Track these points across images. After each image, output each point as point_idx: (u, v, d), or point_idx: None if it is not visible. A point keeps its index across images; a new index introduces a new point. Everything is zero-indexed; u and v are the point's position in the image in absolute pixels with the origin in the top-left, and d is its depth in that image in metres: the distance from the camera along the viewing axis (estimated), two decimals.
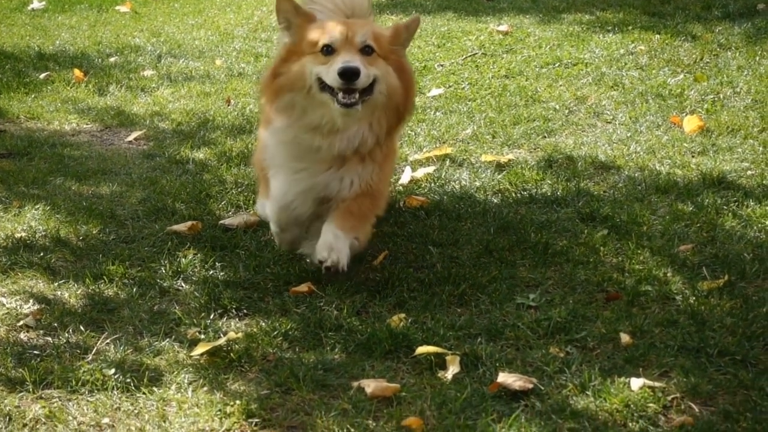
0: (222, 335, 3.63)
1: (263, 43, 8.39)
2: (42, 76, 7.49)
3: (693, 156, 5.33)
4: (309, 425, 3.11)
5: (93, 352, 3.55)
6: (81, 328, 3.71)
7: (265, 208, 4.21)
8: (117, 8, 10.33)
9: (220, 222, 4.65)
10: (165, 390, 3.30)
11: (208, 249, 4.35)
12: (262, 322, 3.75)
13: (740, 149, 5.34)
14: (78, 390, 3.30)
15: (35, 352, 3.54)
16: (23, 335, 3.69)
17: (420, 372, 3.41)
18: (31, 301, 3.92)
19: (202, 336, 3.66)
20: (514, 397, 3.21)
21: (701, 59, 6.97)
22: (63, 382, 3.33)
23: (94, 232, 4.58)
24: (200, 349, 3.51)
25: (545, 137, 5.77)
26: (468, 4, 9.25)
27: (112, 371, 3.39)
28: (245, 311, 3.86)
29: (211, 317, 3.81)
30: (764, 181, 4.87)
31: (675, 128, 5.75)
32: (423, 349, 3.47)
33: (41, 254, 4.32)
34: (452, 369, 3.38)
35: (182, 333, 3.69)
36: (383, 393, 3.24)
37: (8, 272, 4.16)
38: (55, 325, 3.74)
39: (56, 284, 4.06)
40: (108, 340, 3.63)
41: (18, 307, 3.87)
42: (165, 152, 5.73)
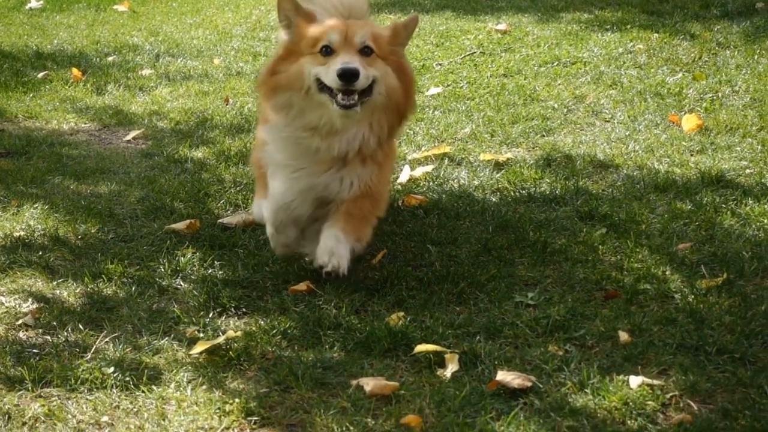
0: (221, 334, 3.63)
1: (261, 42, 8.39)
2: (40, 76, 7.49)
3: (691, 155, 5.33)
4: (308, 423, 3.11)
5: (92, 351, 3.55)
6: (80, 327, 3.71)
7: (262, 209, 4.17)
8: (115, 7, 10.32)
9: (219, 221, 4.64)
10: (164, 388, 3.30)
11: (207, 248, 4.35)
12: (261, 321, 3.75)
13: (739, 148, 5.34)
14: (77, 388, 3.30)
15: (34, 351, 3.54)
16: (22, 334, 3.69)
17: (419, 370, 3.41)
18: (30, 300, 3.92)
19: (201, 334, 3.65)
20: (513, 395, 3.22)
21: (700, 58, 6.97)
22: (62, 381, 3.33)
23: (93, 231, 4.57)
24: (199, 348, 3.51)
25: (544, 136, 5.77)
26: (466, 3, 9.25)
27: (111, 370, 3.39)
28: (244, 310, 3.86)
29: (210, 316, 3.81)
30: (763, 180, 4.88)
31: (673, 127, 5.75)
32: (422, 348, 3.47)
33: (40, 253, 4.32)
34: (451, 367, 3.38)
35: (181, 331, 3.69)
36: (382, 391, 3.24)
37: (7, 271, 4.16)
38: (54, 324, 3.74)
39: (55, 283, 4.06)
40: (107, 339, 3.63)
41: (17, 306, 3.87)
42: (163, 151, 5.73)
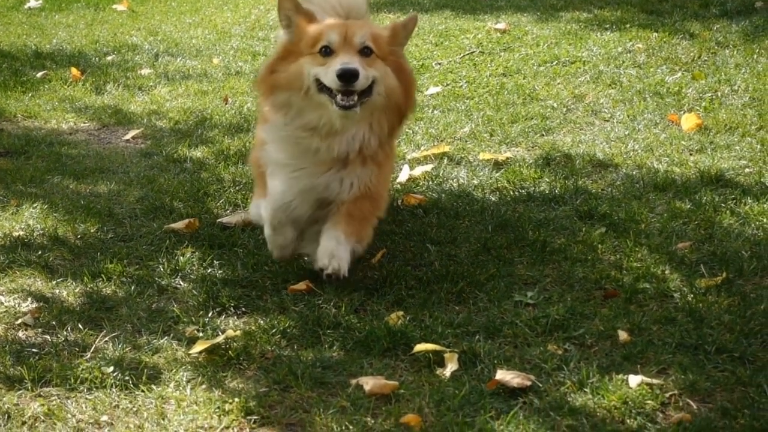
0: (220, 333, 3.63)
1: (261, 42, 8.39)
2: (39, 75, 7.48)
3: (691, 154, 5.33)
4: (307, 422, 3.11)
5: (91, 350, 3.54)
6: (79, 327, 3.71)
7: (260, 209, 4.13)
8: (114, 7, 10.32)
9: (218, 220, 4.64)
10: (163, 388, 3.30)
11: (206, 247, 4.35)
12: (261, 320, 3.75)
13: (738, 147, 5.35)
14: (76, 388, 3.30)
15: (34, 350, 3.54)
16: (21, 333, 3.69)
17: (418, 369, 3.41)
18: (30, 300, 3.92)
19: (201, 334, 3.65)
20: (513, 395, 3.22)
21: (699, 57, 6.97)
22: (61, 380, 3.33)
23: (92, 231, 4.57)
24: (199, 347, 3.51)
25: (543, 135, 5.77)
26: (465, 2, 9.24)
27: (111, 369, 3.39)
28: (243, 309, 3.86)
29: (210, 315, 3.81)
30: (762, 179, 4.88)
31: (673, 126, 5.76)
32: (421, 347, 3.47)
33: (39, 253, 4.32)
34: (450, 366, 3.38)
35: (180, 331, 3.68)
36: (381, 390, 3.24)
37: (6, 271, 4.16)
38: (54, 324, 3.74)
39: (54, 282, 4.06)
40: (106, 338, 3.63)
41: (16, 306, 3.87)
42: (162, 151, 5.73)
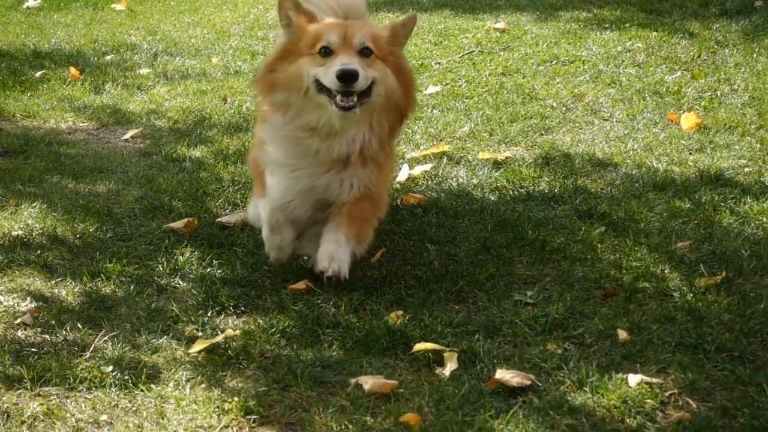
0: (219, 332, 3.63)
1: (259, 41, 8.39)
2: (38, 75, 7.48)
3: (690, 153, 5.33)
4: (307, 422, 3.11)
5: (91, 350, 3.54)
6: (78, 326, 3.71)
7: (259, 209, 4.10)
8: (113, 6, 10.32)
9: (217, 220, 4.64)
10: (163, 387, 3.30)
11: (206, 246, 4.35)
12: (260, 320, 3.74)
13: (737, 146, 5.35)
14: (76, 387, 3.30)
15: (33, 350, 3.54)
16: (21, 333, 3.68)
17: (418, 369, 3.40)
18: (29, 299, 3.92)
19: (200, 333, 3.65)
20: (512, 394, 3.21)
21: (699, 56, 6.97)
22: (61, 380, 3.33)
23: (91, 230, 4.57)
24: (198, 347, 3.51)
25: (542, 135, 5.77)
26: (465, 2, 9.25)
27: (110, 368, 3.38)
28: (243, 308, 3.86)
29: (209, 314, 3.81)
30: (761, 178, 4.88)
31: (672, 125, 5.76)
32: (421, 346, 3.47)
33: (38, 252, 4.31)
34: (450, 366, 3.37)
35: (180, 330, 3.68)
36: (381, 390, 3.24)
37: (5, 270, 4.16)
38: (53, 323, 3.73)
39: (53, 282, 4.06)
40: (105, 338, 3.62)
41: (15, 305, 3.87)
42: (161, 150, 5.73)
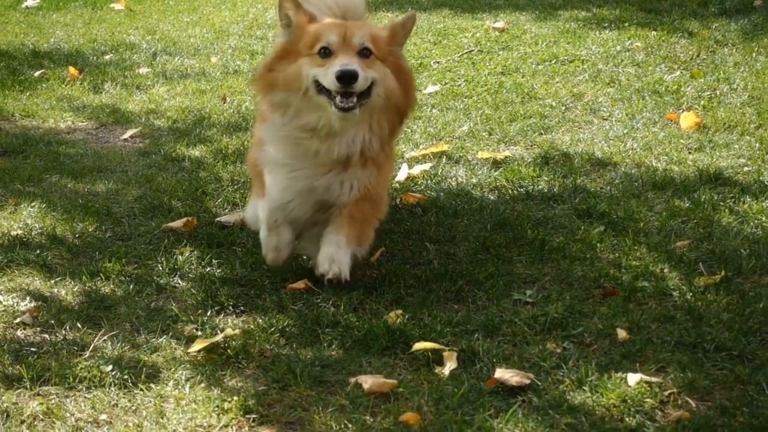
0: (219, 332, 3.63)
1: (259, 41, 8.38)
2: (37, 74, 7.48)
3: (690, 152, 5.33)
4: (306, 421, 3.11)
5: (90, 349, 3.54)
6: (78, 325, 3.71)
7: (257, 209, 4.08)
8: (112, 6, 10.31)
9: (217, 219, 4.64)
10: (162, 386, 3.30)
11: (205, 246, 4.35)
12: (259, 319, 3.74)
13: (737, 145, 5.35)
14: (75, 387, 3.30)
15: (32, 349, 3.54)
16: (20, 332, 3.68)
17: (417, 368, 3.40)
18: (28, 299, 3.92)
19: (199, 333, 3.65)
20: (512, 393, 3.21)
21: (698, 56, 6.97)
22: (60, 379, 3.33)
23: (90, 230, 4.57)
24: (197, 346, 3.51)
25: (542, 134, 5.77)
26: (464, 1, 9.24)
27: (110, 368, 3.38)
28: (242, 308, 3.86)
29: (208, 314, 3.81)
30: (761, 178, 4.88)
31: (672, 125, 5.76)
32: (420, 345, 3.47)
33: (37, 252, 4.31)
34: (449, 365, 3.37)
35: (179, 330, 3.68)
36: (380, 389, 3.24)
37: (5, 270, 4.16)
38: (52, 323, 3.73)
39: (53, 281, 4.06)
40: (105, 337, 3.62)
41: (15, 305, 3.87)
42: (161, 150, 5.72)
